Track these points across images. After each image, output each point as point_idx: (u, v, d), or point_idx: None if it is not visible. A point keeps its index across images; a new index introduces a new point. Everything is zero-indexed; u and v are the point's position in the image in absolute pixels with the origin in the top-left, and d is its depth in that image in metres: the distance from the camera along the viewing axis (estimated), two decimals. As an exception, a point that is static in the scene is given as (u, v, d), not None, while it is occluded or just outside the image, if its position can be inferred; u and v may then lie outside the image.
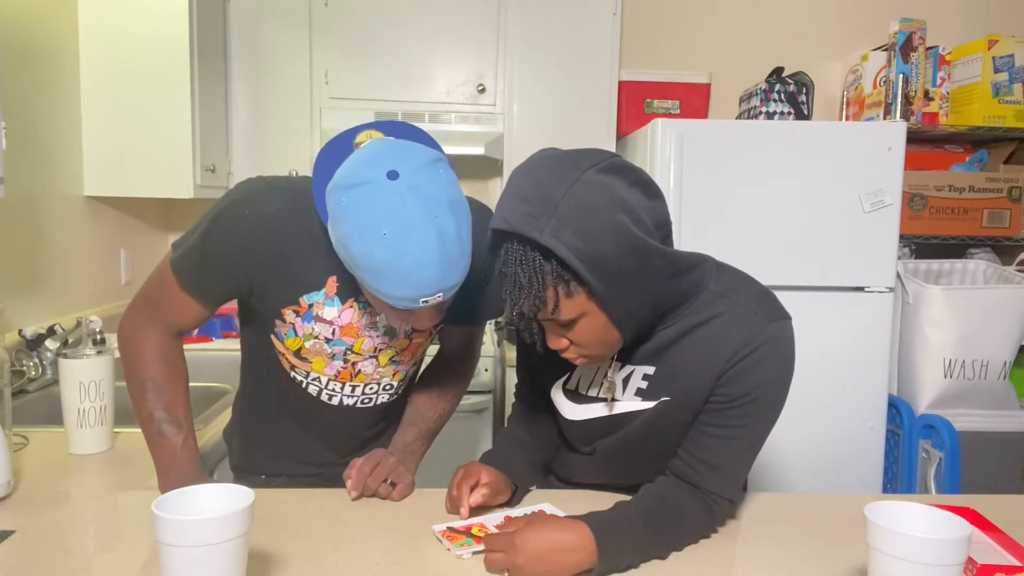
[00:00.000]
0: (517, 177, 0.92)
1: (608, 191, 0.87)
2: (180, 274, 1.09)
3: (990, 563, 0.91)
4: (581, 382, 1.11)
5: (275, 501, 1.11)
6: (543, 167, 0.90)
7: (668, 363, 1.03)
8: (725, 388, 1.00)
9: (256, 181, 1.11)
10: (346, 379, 1.19)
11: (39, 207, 2.04)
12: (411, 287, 0.91)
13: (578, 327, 0.94)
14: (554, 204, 0.86)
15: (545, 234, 0.85)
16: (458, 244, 0.92)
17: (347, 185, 0.91)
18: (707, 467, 1.02)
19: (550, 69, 2.67)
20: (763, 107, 2.48)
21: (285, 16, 2.59)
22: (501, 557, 0.90)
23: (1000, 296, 2.33)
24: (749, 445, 1.03)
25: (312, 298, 1.11)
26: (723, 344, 0.99)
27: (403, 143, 0.96)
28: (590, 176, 0.87)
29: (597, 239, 0.86)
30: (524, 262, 0.89)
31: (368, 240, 0.89)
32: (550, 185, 0.87)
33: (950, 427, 2.27)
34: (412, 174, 0.90)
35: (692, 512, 1.01)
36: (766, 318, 1.00)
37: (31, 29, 1.99)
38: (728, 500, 1.03)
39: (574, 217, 0.85)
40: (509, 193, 0.91)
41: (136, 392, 1.12)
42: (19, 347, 1.82)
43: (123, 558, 0.94)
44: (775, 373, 1.00)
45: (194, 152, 2.27)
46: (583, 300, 0.91)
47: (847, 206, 2.18)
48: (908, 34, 2.57)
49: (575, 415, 1.12)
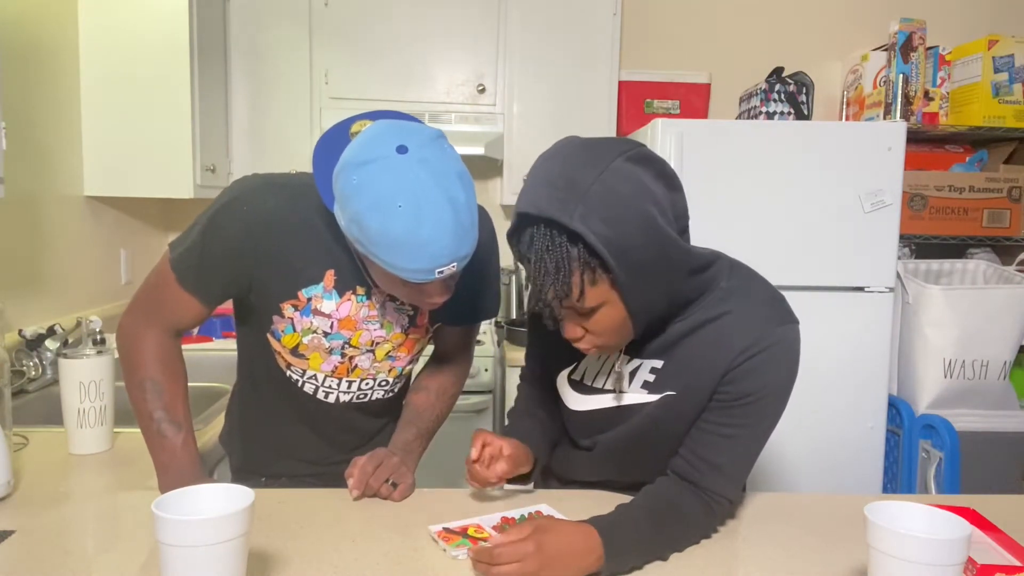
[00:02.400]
0: (543, 163, 0.91)
1: (637, 181, 0.87)
2: (180, 273, 1.10)
3: (990, 563, 0.91)
4: (587, 373, 1.11)
5: (275, 501, 1.11)
6: (571, 153, 0.89)
7: (676, 358, 1.03)
8: (729, 387, 1.00)
9: (252, 178, 1.12)
10: (343, 374, 1.20)
11: (39, 207, 2.04)
12: (427, 258, 0.92)
13: (597, 316, 0.93)
14: (583, 190, 0.85)
15: (575, 219, 0.85)
16: (469, 213, 0.94)
17: (358, 163, 0.92)
18: (708, 466, 1.01)
19: (550, 69, 2.67)
20: (763, 107, 2.48)
21: (285, 16, 2.59)
22: (516, 567, 0.85)
23: (1000, 296, 2.33)
24: (750, 445, 1.03)
25: (310, 292, 1.12)
26: (731, 342, 0.99)
27: (405, 122, 0.98)
28: (619, 164, 0.87)
29: (624, 228, 0.85)
30: (552, 248, 0.87)
31: (384, 214, 0.90)
32: (579, 172, 0.86)
33: (950, 427, 2.27)
34: (420, 148, 0.92)
35: (693, 512, 1.01)
36: (776, 320, 1.00)
37: (31, 29, 1.99)
38: (728, 500, 1.03)
39: (603, 204, 0.85)
40: (535, 178, 0.90)
41: (135, 392, 1.12)
42: (19, 347, 1.82)
43: (123, 558, 0.94)
44: (780, 375, 1.00)
45: (194, 152, 2.27)
46: (606, 289, 0.90)
47: (847, 206, 2.18)
48: (908, 34, 2.57)
49: (579, 405, 1.12)
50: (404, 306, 1.18)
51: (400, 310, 1.18)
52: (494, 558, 0.86)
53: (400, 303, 1.17)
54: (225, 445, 1.38)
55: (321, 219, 1.08)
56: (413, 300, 1.04)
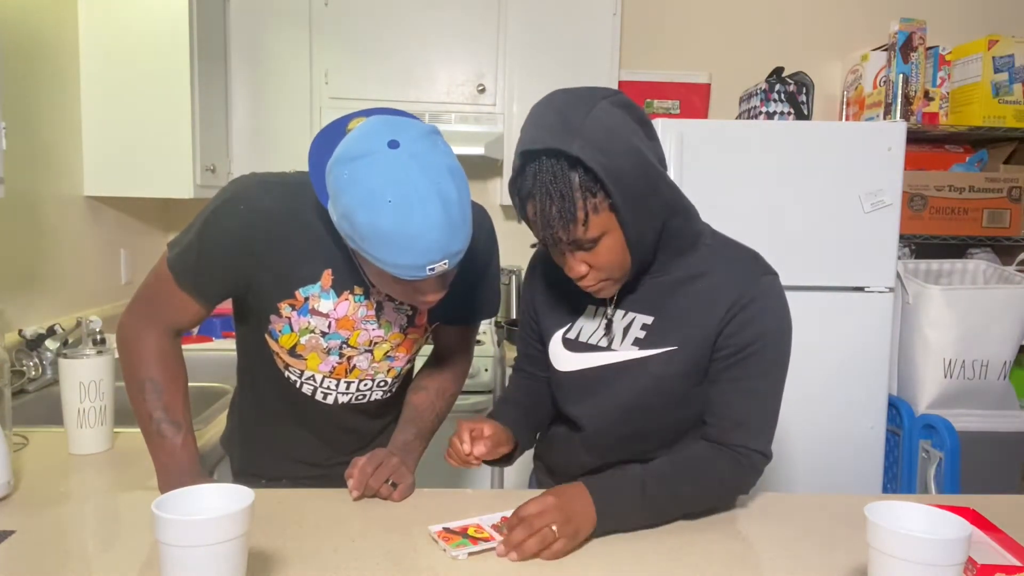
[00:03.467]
0: (535, 111, 0.98)
1: (623, 119, 0.96)
2: (177, 273, 1.10)
3: (990, 563, 0.91)
4: (583, 332, 1.15)
5: (275, 501, 1.11)
6: (560, 100, 0.97)
7: (667, 313, 1.08)
8: (730, 341, 1.05)
9: (249, 177, 1.12)
10: (341, 375, 1.19)
11: (39, 207, 2.04)
12: (417, 253, 0.91)
13: (600, 248, 0.99)
14: (577, 125, 0.93)
15: (573, 147, 0.92)
16: (460, 210, 0.93)
17: (348, 158, 0.91)
18: (732, 423, 1.07)
19: (550, 69, 2.67)
20: (763, 107, 2.48)
21: (285, 16, 2.59)
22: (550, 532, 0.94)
23: (1000, 296, 2.33)
24: (767, 395, 1.08)
25: (308, 291, 1.11)
26: (720, 297, 1.05)
27: (398, 118, 0.97)
28: (604, 105, 0.95)
29: (617, 156, 0.93)
30: (555, 178, 0.94)
31: (373, 209, 0.89)
32: (570, 112, 0.94)
33: (950, 427, 2.27)
34: (412, 143, 0.91)
35: (714, 468, 1.06)
36: (760, 271, 1.07)
37: (31, 29, 1.99)
38: (759, 453, 1.07)
39: (597, 136, 0.93)
40: (531, 123, 0.97)
41: (135, 392, 1.12)
42: (19, 347, 1.82)
43: (123, 558, 0.94)
44: (774, 321, 1.06)
45: (194, 152, 2.27)
46: (606, 216, 0.96)
47: (847, 206, 2.18)
48: (908, 34, 2.57)
49: (571, 365, 1.15)
50: (403, 306, 1.18)
51: (399, 310, 1.18)
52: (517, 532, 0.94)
53: (398, 303, 1.17)
54: (226, 448, 1.38)
55: (318, 218, 1.08)
56: (408, 298, 1.04)
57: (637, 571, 0.94)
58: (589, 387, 1.14)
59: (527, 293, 1.25)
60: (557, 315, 1.18)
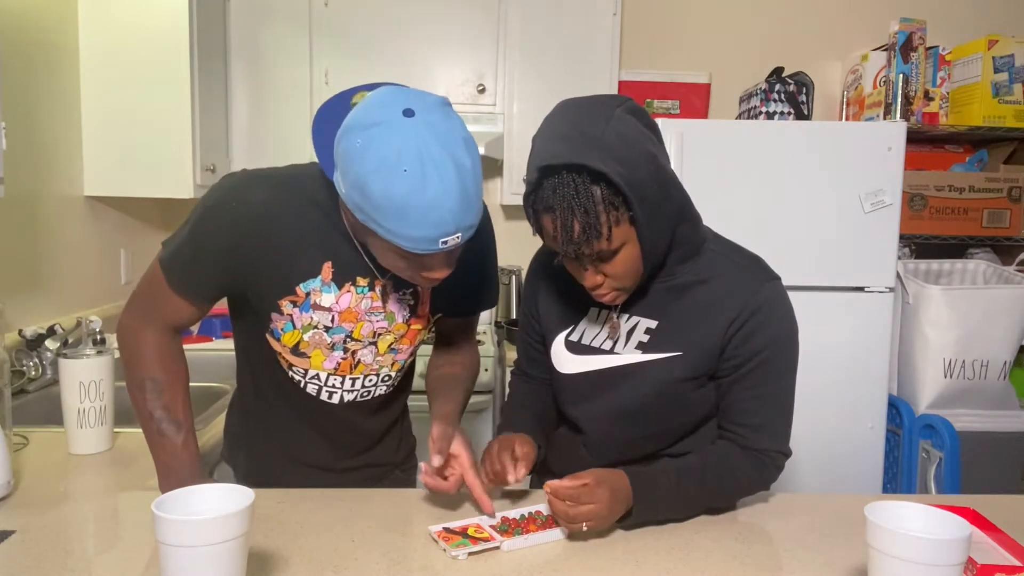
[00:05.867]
0: (549, 124, 0.98)
1: (636, 126, 0.96)
2: (170, 273, 1.09)
3: (990, 563, 0.91)
4: (586, 334, 1.15)
5: (275, 501, 1.11)
6: (575, 110, 0.97)
7: (671, 318, 1.08)
8: (739, 351, 1.06)
9: (239, 173, 1.10)
10: (346, 371, 1.18)
11: (39, 207, 2.04)
12: (431, 225, 0.90)
13: (618, 258, 0.99)
14: (597, 136, 0.93)
15: (596, 161, 0.91)
16: (474, 179, 0.92)
17: (363, 125, 0.90)
18: (751, 429, 1.08)
19: (550, 69, 2.67)
20: (763, 107, 2.48)
21: (285, 16, 2.59)
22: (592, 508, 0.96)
23: (1000, 296, 2.33)
24: (781, 398, 1.10)
25: (309, 286, 1.10)
26: (724, 304, 1.06)
27: (411, 88, 0.96)
28: (620, 114, 0.96)
29: (635, 166, 0.94)
30: (578, 192, 0.93)
31: (388, 177, 0.87)
32: (588, 123, 0.94)
33: (950, 427, 2.27)
34: (427, 112, 0.90)
35: (741, 468, 1.08)
36: (763, 278, 1.08)
37: (31, 29, 1.99)
38: (779, 452, 1.10)
39: (616, 147, 0.93)
40: (546, 137, 0.97)
41: (136, 392, 1.12)
42: (19, 347, 1.82)
43: (123, 558, 0.94)
44: (781, 328, 1.07)
45: (194, 152, 2.27)
46: (626, 227, 0.97)
47: (847, 206, 2.18)
48: (908, 34, 2.57)
49: (574, 367, 1.15)
50: (405, 296, 1.16)
51: (402, 300, 1.16)
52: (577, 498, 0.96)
53: (401, 293, 1.15)
54: (228, 461, 1.36)
55: (314, 208, 1.06)
56: (413, 276, 1.02)
57: (637, 571, 0.94)
58: (591, 389, 1.13)
59: (529, 294, 1.25)
60: (560, 317, 1.18)
